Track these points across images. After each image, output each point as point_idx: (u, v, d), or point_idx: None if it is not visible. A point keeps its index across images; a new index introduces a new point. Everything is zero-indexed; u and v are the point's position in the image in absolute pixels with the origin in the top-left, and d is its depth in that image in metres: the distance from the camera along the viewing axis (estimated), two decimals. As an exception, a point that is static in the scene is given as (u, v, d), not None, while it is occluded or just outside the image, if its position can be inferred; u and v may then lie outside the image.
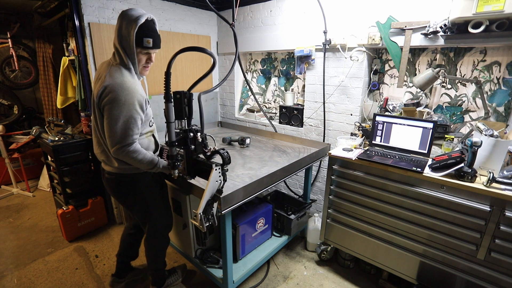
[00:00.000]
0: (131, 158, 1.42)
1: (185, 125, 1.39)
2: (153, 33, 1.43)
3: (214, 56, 1.37)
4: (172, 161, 1.44)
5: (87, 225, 2.72)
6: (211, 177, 1.35)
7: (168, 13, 2.87)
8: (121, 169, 1.56)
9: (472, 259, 1.58)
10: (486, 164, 1.58)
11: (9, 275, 2.22)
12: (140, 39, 1.39)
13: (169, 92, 1.32)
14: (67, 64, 2.68)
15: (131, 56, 1.43)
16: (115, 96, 1.35)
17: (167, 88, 1.31)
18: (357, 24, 2.24)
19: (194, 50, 1.36)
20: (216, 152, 1.40)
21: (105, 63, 1.52)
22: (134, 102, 1.39)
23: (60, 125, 2.82)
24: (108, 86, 1.36)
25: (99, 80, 1.44)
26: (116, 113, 1.35)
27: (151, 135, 1.63)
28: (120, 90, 1.36)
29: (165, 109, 1.35)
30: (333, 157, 2.02)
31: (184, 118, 1.38)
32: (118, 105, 1.35)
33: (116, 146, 1.39)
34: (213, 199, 1.40)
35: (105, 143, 1.52)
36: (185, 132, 1.39)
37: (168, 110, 1.34)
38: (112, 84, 1.36)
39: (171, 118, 1.35)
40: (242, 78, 3.41)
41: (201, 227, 1.33)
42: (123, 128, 1.37)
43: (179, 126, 1.39)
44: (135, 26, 1.35)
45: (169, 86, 1.32)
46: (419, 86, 1.97)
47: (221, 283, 1.92)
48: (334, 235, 2.19)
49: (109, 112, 1.36)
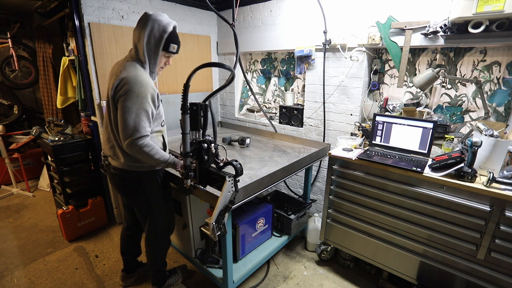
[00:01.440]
0: (143, 152, 1.43)
1: (199, 136, 1.41)
2: (178, 40, 1.57)
3: (233, 71, 1.38)
4: (185, 171, 1.46)
5: (87, 225, 2.72)
6: (224, 188, 1.37)
7: (168, 13, 2.84)
8: (126, 166, 1.60)
9: (472, 259, 1.58)
10: (486, 164, 1.58)
11: (9, 275, 2.22)
12: (168, 44, 1.51)
13: (186, 104, 1.33)
14: (67, 64, 2.68)
15: (155, 58, 1.53)
16: (129, 88, 1.40)
17: (185, 100, 1.33)
18: (357, 24, 2.24)
19: (213, 66, 1.44)
20: (229, 163, 1.42)
21: (119, 61, 1.59)
22: (147, 95, 1.43)
23: (60, 125, 2.82)
24: (124, 79, 1.42)
25: (113, 75, 1.49)
26: (130, 105, 1.40)
27: (161, 135, 1.65)
28: (134, 82, 1.41)
29: (181, 120, 1.37)
30: (333, 157, 2.02)
31: (199, 130, 1.40)
32: (131, 97, 1.40)
33: (129, 139, 1.40)
34: (225, 210, 1.42)
35: (115, 139, 1.56)
36: (200, 143, 1.41)
37: (184, 122, 1.36)
38: (127, 77, 1.42)
39: (187, 130, 1.37)
40: (242, 78, 3.41)
41: (213, 236, 1.36)
42: (136, 120, 1.40)
43: (193, 137, 1.41)
44: (167, 32, 1.48)
45: (187, 98, 1.33)
46: (419, 86, 1.97)
47: (221, 283, 1.92)
48: (334, 235, 2.19)
49: (122, 103, 1.41)
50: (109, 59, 2.48)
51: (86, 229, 2.74)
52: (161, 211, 1.78)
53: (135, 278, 2.14)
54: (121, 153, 1.57)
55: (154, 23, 1.46)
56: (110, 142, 1.63)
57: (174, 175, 1.81)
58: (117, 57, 2.51)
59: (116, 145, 1.58)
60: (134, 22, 2.61)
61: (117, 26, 2.48)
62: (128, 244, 2.04)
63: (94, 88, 2.46)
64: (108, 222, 2.91)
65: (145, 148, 1.43)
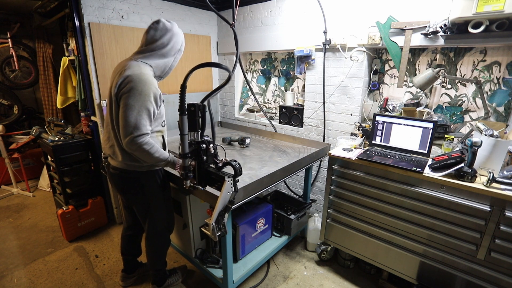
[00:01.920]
0: (143, 150, 1.43)
1: (197, 137, 1.41)
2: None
3: (230, 71, 1.38)
4: (184, 172, 1.46)
5: (87, 225, 2.72)
6: (224, 189, 1.37)
7: (168, 13, 2.88)
8: (125, 165, 1.60)
9: (472, 259, 1.58)
10: (486, 164, 1.58)
11: (9, 275, 2.22)
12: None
13: (184, 105, 1.33)
14: (67, 64, 2.68)
15: (167, 63, 1.61)
16: (133, 86, 1.41)
17: (182, 101, 1.33)
18: (357, 24, 2.24)
19: (210, 66, 1.43)
20: (227, 164, 1.42)
21: (123, 61, 1.60)
22: (150, 93, 1.44)
23: (60, 125, 2.82)
24: (129, 77, 1.43)
25: (118, 73, 1.50)
26: (132, 102, 1.40)
27: (161, 136, 1.66)
28: (138, 80, 1.43)
29: (179, 122, 1.37)
30: (333, 157, 2.02)
31: (197, 130, 1.40)
32: (134, 95, 1.41)
33: (130, 136, 1.41)
34: (225, 210, 1.42)
35: (116, 137, 1.57)
36: (198, 143, 1.41)
37: (182, 123, 1.36)
38: (132, 75, 1.44)
39: (185, 130, 1.37)
40: (242, 78, 3.41)
41: (213, 236, 1.37)
42: (137, 117, 1.41)
43: (192, 137, 1.41)
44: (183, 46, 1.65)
45: (184, 99, 1.33)
46: (419, 86, 1.97)
47: (221, 283, 1.92)
48: (334, 235, 2.19)
49: (125, 100, 1.42)
50: (109, 59, 2.48)
51: (86, 229, 2.74)
52: (161, 211, 1.78)
53: (135, 278, 2.14)
54: (120, 152, 1.57)
55: (179, 37, 1.60)
56: (110, 141, 1.63)
57: (174, 175, 1.82)
58: (117, 57, 2.52)
59: (116, 144, 1.59)
60: (134, 22, 2.64)
61: (117, 26, 2.48)
62: (129, 244, 2.04)
63: (94, 88, 2.46)
64: (108, 222, 2.91)
65: (145, 146, 1.43)
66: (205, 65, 1.37)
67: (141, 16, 2.67)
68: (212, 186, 1.51)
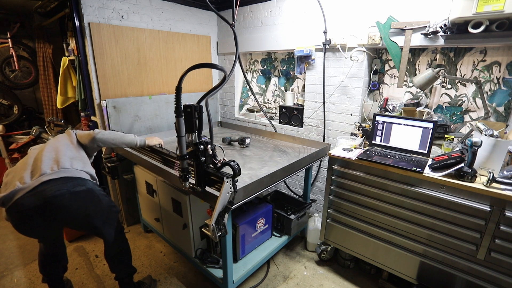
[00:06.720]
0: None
1: (195, 138, 1.40)
2: None
3: (225, 72, 1.37)
4: (183, 173, 1.46)
5: (87, 225, 2.72)
6: (223, 189, 1.37)
7: (168, 13, 2.88)
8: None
9: (472, 259, 1.58)
10: (486, 164, 1.58)
11: (9, 275, 2.22)
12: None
13: (179, 107, 1.32)
14: (67, 64, 2.68)
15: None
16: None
17: (178, 103, 1.31)
18: (357, 24, 2.24)
19: (206, 67, 1.40)
20: (226, 164, 1.42)
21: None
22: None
23: (60, 125, 2.82)
24: None
25: None
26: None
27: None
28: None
29: (176, 124, 1.36)
30: (333, 157, 2.02)
31: (195, 132, 1.39)
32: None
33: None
34: (225, 210, 1.42)
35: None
36: (196, 145, 1.40)
37: (178, 124, 1.35)
38: None
39: (182, 132, 1.37)
40: (242, 78, 3.41)
41: (214, 237, 1.37)
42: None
43: (189, 139, 1.40)
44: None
45: (180, 101, 1.32)
46: (419, 86, 1.97)
47: (221, 283, 1.92)
48: (334, 235, 2.19)
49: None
50: (109, 59, 2.48)
51: (86, 229, 2.73)
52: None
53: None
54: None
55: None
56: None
57: (174, 175, 1.81)
58: (117, 57, 2.52)
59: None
60: (134, 22, 2.65)
61: (117, 26, 2.48)
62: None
63: (94, 88, 2.46)
64: (108, 222, 2.90)
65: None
66: (200, 66, 1.35)
67: (141, 16, 2.67)
68: (211, 187, 1.51)
